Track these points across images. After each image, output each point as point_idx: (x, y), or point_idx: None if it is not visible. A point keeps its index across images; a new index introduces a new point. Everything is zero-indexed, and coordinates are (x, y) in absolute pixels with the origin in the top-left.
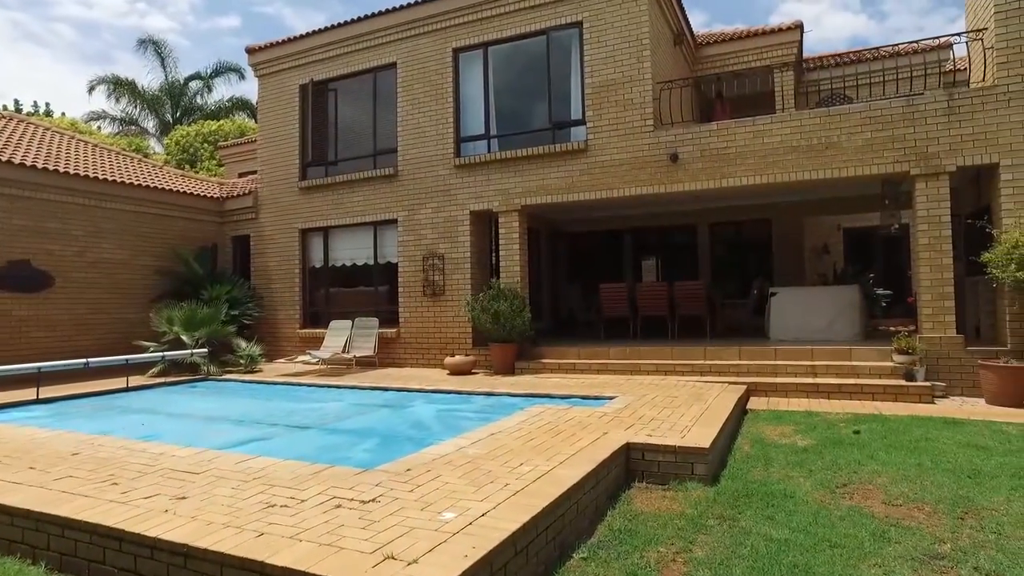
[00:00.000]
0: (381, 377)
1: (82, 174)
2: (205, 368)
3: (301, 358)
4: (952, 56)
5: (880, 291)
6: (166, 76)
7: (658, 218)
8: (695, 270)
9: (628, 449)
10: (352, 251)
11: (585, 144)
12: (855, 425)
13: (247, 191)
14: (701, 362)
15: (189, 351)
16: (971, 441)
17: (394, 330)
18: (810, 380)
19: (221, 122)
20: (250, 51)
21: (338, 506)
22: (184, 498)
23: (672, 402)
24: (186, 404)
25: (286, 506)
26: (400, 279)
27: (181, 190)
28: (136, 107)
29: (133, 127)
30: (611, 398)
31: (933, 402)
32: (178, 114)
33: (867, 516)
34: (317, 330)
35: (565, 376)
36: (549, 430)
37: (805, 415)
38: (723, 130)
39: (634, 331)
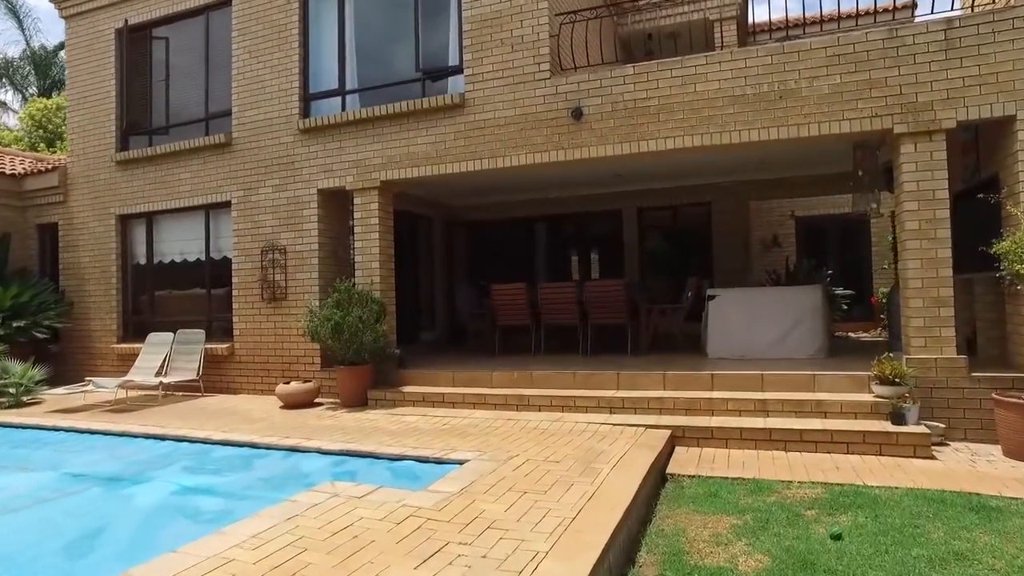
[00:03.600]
0: (183, 414)
1: None
2: None
3: (85, 388)
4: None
5: (840, 291)
6: (27, 41)
7: (576, 202)
8: (620, 266)
9: None
10: (182, 243)
11: (461, 97)
12: (831, 514)
13: (52, 166)
14: (612, 394)
15: None
16: None
17: (227, 345)
18: (760, 423)
19: None
20: None
21: None
22: None
23: (545, 475)
24: None
25: None
26: (234, 279)
27: None
28: None
29: None
30: (459, 463)
31: (933, 457)
32: (47, 86)
33: None
34: (139, 344)
35: (428, 412)
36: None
37: (752, 489)
38: (642, 75)
39: (536, 345)
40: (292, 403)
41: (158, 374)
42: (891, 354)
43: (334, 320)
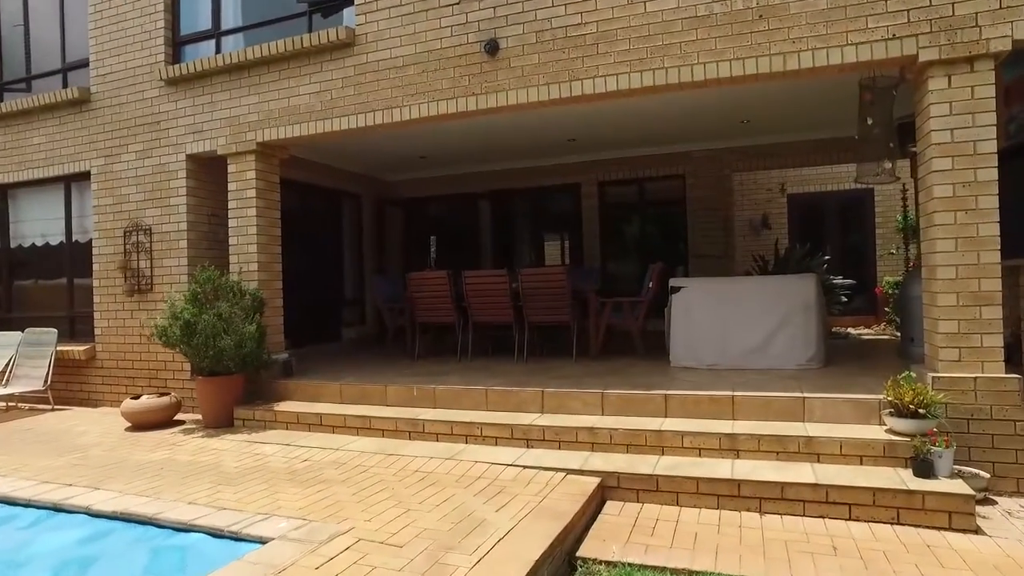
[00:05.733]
0: None
1: None
2: None
3: None
4: None
5: (839, 280)
6: None
7: (527, 175)
8: (579, 250)
9: None
10: (43, 223)
11: (351, 33)
12: None
13: None
14: (532, 420)
15: None
16: None
17: (86, 348)
18: (726, 470)
19: None
20: None
21: None
22: None
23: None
24: None
25: None
26: (95, 266)
27: None
28: None
29: None
30: (259, 543)
31: (978, 529)
32: None
33: None
34: None
35: (295, 440)
36: None
37: None
38: None
39: (462, 348)
40: (142, 423)
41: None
42: (911, 371)
43: (183, 319)
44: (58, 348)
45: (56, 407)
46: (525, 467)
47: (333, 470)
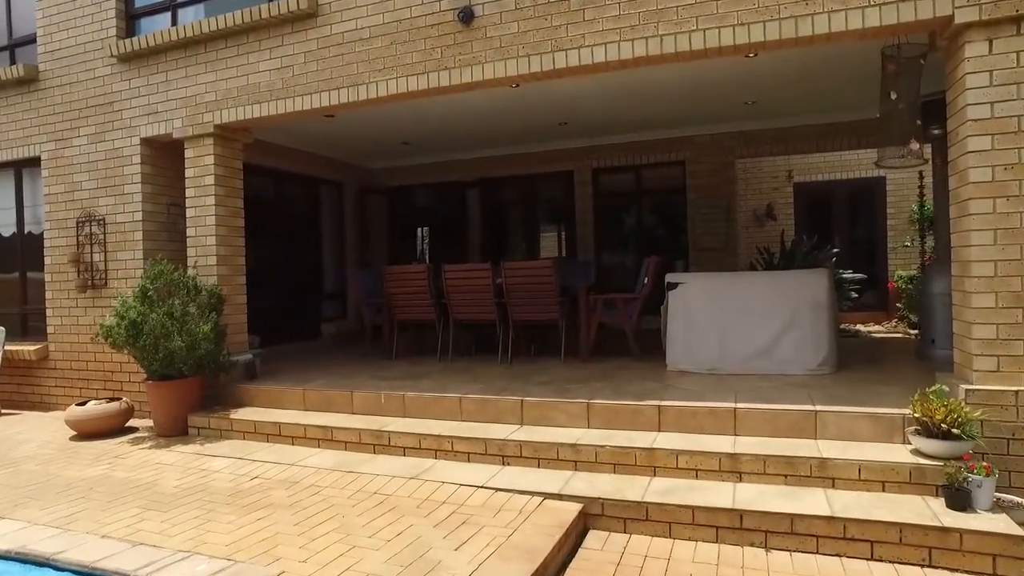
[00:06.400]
0: None
1: None
2: None
3: None
4: None
5: (849, 275)
6: None
7: (517, 162)
8: (572, 242)
9: None
10: None
11: (313, 3)
12: None
13: None
14: (508, 433)
15: None
16: None
17: (38, 347)
18: (726, 496)
19: None
20: None
21: None
22: None
23: None
24: None
25: None
26: (47, 260)
27: None
28: None
29: None
30: None
31: None
32: None
33: None
34: None
35: (249, 453)
36: None
37: None
38: None
39: (443, 348)
40: (88, 431)
41: None
42: (939, 381)
43: (129, 318)
44: (7, 347)
45: (4, 412)
46: (497, 490)
47: (282, 491)
